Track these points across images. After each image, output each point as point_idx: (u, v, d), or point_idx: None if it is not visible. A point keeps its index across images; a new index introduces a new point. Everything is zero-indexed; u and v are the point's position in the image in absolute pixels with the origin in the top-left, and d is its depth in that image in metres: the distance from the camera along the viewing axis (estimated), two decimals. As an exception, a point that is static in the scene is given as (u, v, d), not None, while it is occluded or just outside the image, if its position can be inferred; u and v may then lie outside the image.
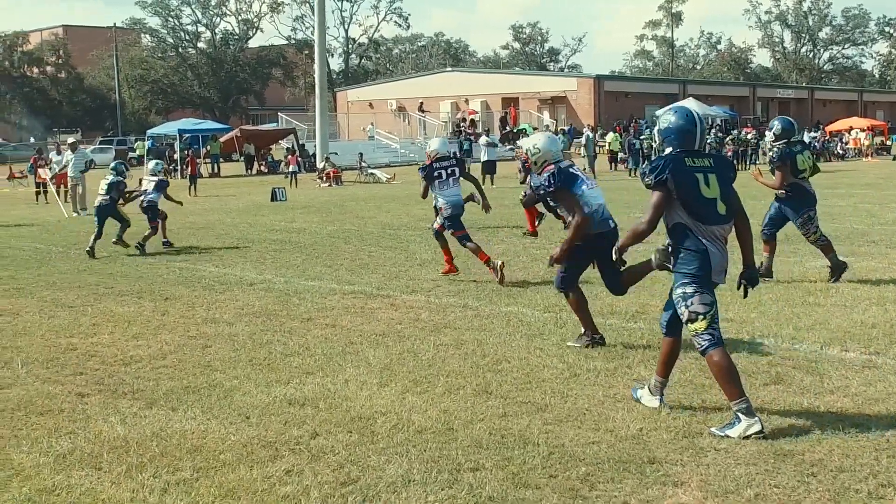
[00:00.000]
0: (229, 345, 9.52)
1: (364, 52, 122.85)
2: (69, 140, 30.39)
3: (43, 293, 12.99)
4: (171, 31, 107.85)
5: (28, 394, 7.87)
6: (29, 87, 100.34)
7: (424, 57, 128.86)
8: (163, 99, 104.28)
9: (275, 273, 14.29)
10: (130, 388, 8.00)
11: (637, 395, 7.31)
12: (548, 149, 9.55)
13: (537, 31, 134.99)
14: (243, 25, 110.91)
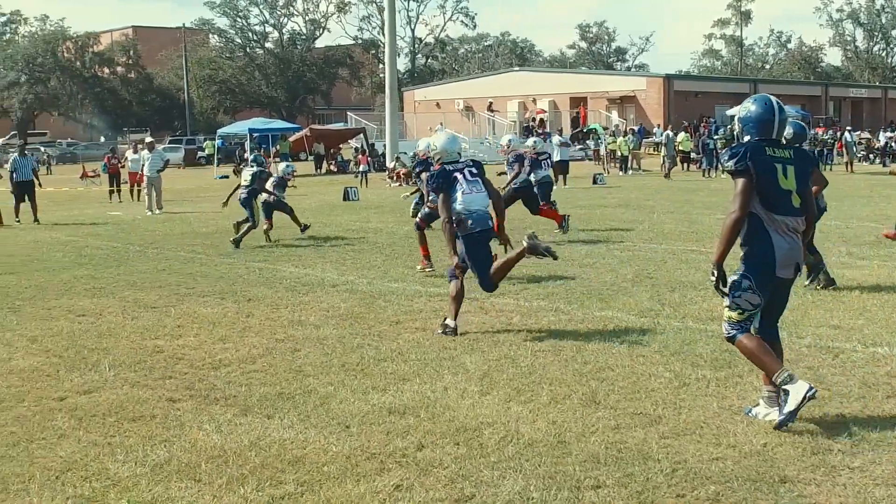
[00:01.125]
0: (319, 349, 9.24)
1: (430, 51, 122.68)
2: (147, 139, 30.48)
3: (124, 293, 12.82)
4: (239, 32, 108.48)
5: (118, 398, 7.63)
6: (99, 87, 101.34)
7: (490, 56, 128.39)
8: (230, 99, 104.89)
9: (356, 274, 14.02)
10: (222, 393, 7.73)
11: (753, 414, 6.91)
12: (445, 148, 10.19)
13: (604, 31, 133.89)
14: (310, 25, 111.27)
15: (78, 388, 8.00)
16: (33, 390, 7.97)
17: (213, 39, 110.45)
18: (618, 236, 18.14)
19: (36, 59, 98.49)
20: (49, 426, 6.95)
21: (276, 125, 54.90)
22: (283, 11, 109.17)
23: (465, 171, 10.03)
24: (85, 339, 9.96)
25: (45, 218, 25.26)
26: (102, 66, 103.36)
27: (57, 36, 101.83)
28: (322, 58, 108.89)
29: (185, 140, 75.46)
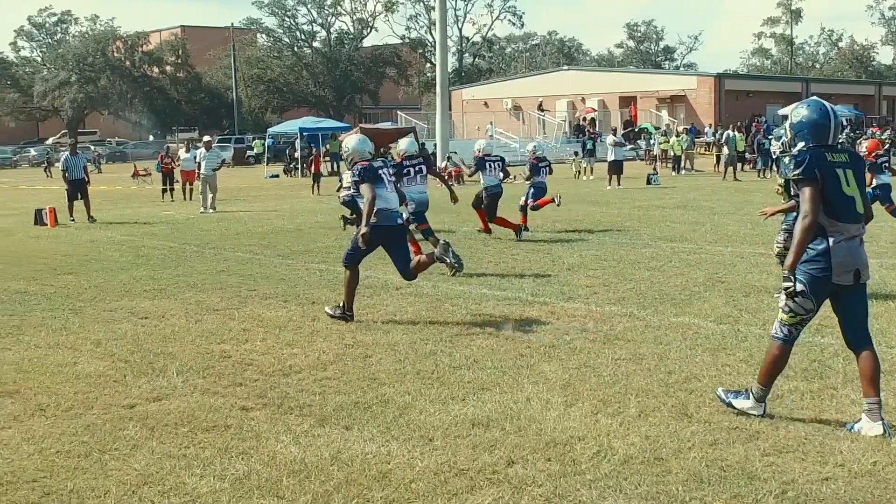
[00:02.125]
0: (391, 355, 8.95)
1: (478, 50, 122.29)
2: (205, 138, 30.45)
3: (185, 295, 12.61)
4: (287, 31, 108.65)
5: (189, 406, 7.38)
6: (149, 87, 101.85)
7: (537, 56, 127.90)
8: (278, 98, 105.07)
9: (424, 276, 13.68)
10: (296, 402, 7.46)
11: (856, 429, 6.54)
12: (356, 149, 11.06)
13: (652, 29, 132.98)
14: (358, 25, 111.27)
15: (147, 395, 7.77)
16: (101, 397, 7.74)
17: (261, 39, 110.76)
18: (681, 238, 17.73)
19: (86, 58, 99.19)
20: (121, 436, 6.71)
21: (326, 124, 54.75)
22: (331, 11, 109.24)
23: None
24: (150, 342, 9.74)
25: (98, 216, 25.20)
26: (152, 65, 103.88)
27: (107, 35, 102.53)
28: (369, 57, 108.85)
29: (234, 139, 75.61)
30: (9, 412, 7.39)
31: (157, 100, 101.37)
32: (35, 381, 8.29)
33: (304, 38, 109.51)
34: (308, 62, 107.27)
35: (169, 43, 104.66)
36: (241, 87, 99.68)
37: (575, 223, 20.92)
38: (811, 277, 6.51)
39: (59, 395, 7.81)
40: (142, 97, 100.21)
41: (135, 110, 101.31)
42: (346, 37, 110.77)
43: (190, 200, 31.44)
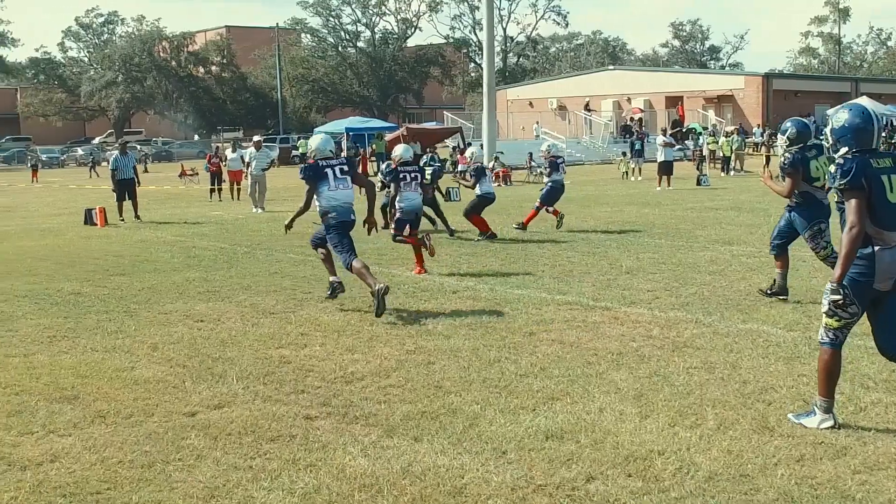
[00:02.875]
0: (454, 362, 8.72)
1: (522, 50, 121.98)
2: (255, 138, 30.34)
3: (239, 297, 12.45)
4: (332, 31, 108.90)
5: (252, 415, 7.19)
6: (194, 87, 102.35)
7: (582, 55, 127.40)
8: (323, 98, 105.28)
9: (475, 279, 13.50)
10: (361, 411, 7.25)
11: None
12: (318, 147, 11.85)
13: (697, 28, 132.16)
14: (402, 24, 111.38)
15: (207, 402, 7.59)
16: (161, 403, 7.57)
17: (306, 39, 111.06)
18: (738, 241, 17.37)
19: (133, 58, 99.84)
20: (184, 445, 6.52)
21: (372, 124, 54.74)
22: (376, 11, 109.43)
23: (336, 169, 11.60)
24: (207, 347, 9.57)
25: (146, 216, 25.20)
26: (197, 65, 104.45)
27: (153, 36, 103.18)
28: (414, 57, 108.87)
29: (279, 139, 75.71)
30: (68, 419, 7.24)
31: (203, 99, 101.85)
32: (93, 387, 8.15)
33: (349, 37, 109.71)
34: (352, 62, 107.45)
35: (214, 43, 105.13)
36: (285, 86, 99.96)
37: (628, 225, 20.61)
38: (854, 281, 6.42)
39: (118, 402, 7.65)
40: (187, 97, 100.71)
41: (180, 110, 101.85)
42: (390, 36, 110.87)
43: (238, 200, 31.36)
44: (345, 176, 11.56)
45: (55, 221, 25.79)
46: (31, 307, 12.19)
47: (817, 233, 11.35)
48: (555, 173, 20.09)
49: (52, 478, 6.01)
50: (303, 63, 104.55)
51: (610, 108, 73.73)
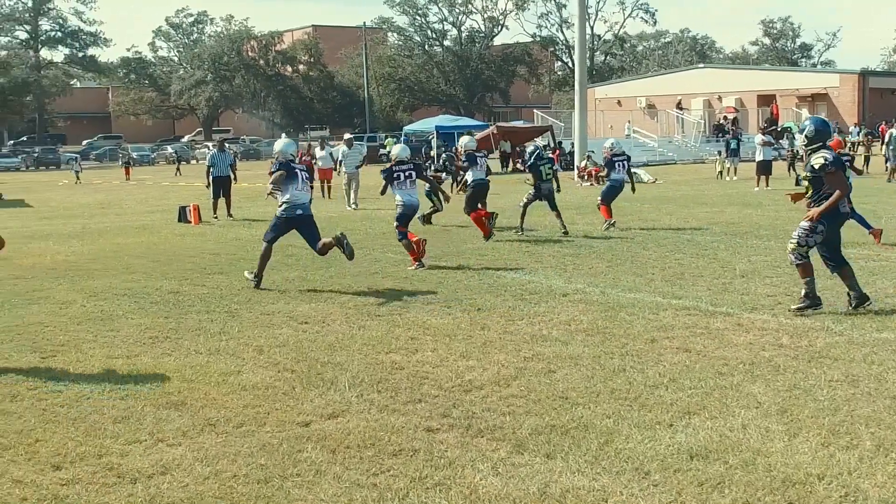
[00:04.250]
0: (576, 370, 8.23)
1: (609, 48, 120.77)
2: (346, 136, 30.16)
3: (342, 298, 12.08)
4: (418, 30, 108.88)
5: (369, 425, 6.78)
6: (282, 85, 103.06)
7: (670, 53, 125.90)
8: (409, 96, 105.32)
9: (584, 282, 12.98)
10: (485, 423, 6.79)
11: None
12: (282, 150, 13.60)
13: (788, 26, 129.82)
14: (489, 23, 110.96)
15: (321, 410, 7.19)
16: (273, 412, 7.19)
17: (392, 37, 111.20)
18: (853, 244, 16.56)
19: (222, 57, 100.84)
20: (301, 459, 6.13)
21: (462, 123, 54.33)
22: (462, 9, 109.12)
23: (302, 173, 13.32)
24: (314, 350, 9.19)
25: (239, 214, 25.15)
26: (285, 64, 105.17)
27: (242, 35, 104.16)
28: (500, 55, 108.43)
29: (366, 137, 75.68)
30: (177, 426, 6.89)
31: (290, 98, 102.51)
32: (200, 392, 7.81)
33: (435, 36, 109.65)
34: (439, 61, 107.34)
35: (302, 42, 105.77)
36: (372, 85, 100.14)
37: (732, 226, 19.91)
38: None
39: (227, 409, 7.30)
40: (275, 95, 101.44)
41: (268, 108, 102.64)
42: (476, 35, 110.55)
43: (328, 198, 31.16)
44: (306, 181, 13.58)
45: (149, 218, 25.78)
46: (130, 306, 11.95)
47: (811, 229, 10.65)
48: (612, 172, 20.09)
49: (164, 492, 5.65)
50: (389, 62, 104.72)
51: (700, 106, 72.56)
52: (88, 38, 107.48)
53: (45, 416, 7.29)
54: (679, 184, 36.59)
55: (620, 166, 20.09)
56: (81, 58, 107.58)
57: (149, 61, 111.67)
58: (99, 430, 6.88)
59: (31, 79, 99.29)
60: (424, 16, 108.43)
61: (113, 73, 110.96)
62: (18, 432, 6.88)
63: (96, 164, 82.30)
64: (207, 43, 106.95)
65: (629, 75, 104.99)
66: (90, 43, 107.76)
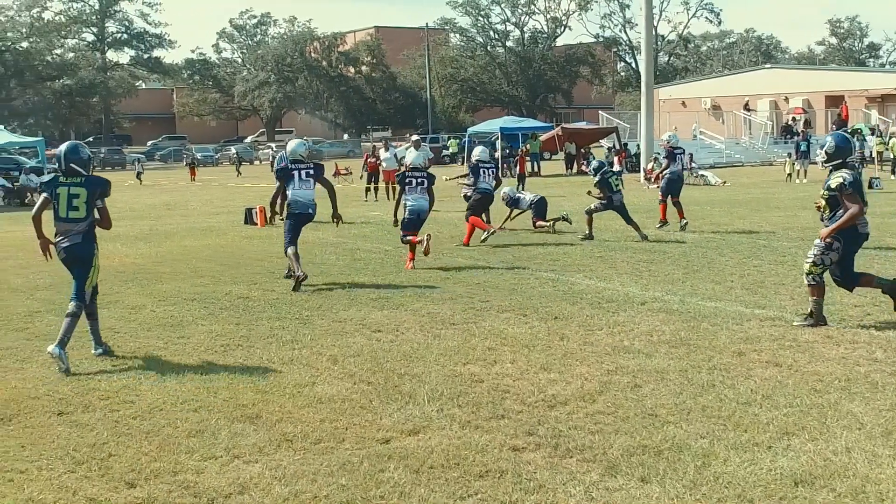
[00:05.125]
0: (663, 385, 7.90)
1: (673, 49, 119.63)
2: (413, 137, 29.98)
3: (414, 305, 11.82)
4: (481, 30, 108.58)
5: (451, 443, 6.51)
6: (345, 86, 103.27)
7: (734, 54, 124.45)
8: (471, 97, 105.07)
9: (661, 289, 12.62)
10: (573, 442, 6.50)
11: None
12: (293, 150, 14.34)
13: (856, 26, 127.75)
14: (551, 23, 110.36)
15: (400, 426, 6.93)
16: (351, 427, 6.95)
17: (454, 38, 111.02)
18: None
19: (285, 59, 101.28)
20: (383, 479, 5.88)
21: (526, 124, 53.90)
22: (525, 10, 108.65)
23: (302, 172, 13.84)
24: (389, 361, 8.95)
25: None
26: (348, 65, 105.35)
27: (305, 36, 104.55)
28: (563, 56, 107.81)
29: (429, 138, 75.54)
30: (252, 442, 6.67)
31: (353, 99, 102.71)
32: (275, 404, 7.59)
33: (498, 37, 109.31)
34: (501, 61, 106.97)
35: (364, 43, 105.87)
36: (434, 86, 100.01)
37: (808, 231, 19.32)
38: None
39: (303, 423, 7.07)
40: (338, 96, 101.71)
41: (330, 109, 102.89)
42: (539, 36, 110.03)
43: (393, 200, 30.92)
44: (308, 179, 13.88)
45: (215, 220, 25.74)
46: (200, 311, 11.80)
47: (827, 246, 10.28)
48: (672, 164, 20.14)
49: (243, 514, 5.43)
50: (452, 63, 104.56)
51: (766, 107, 71.46)
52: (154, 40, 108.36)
53: (117, 428, 7.11)
54: (748, 186, 35.97)
55: (679, 158, 20.29)
56: (147, 59, 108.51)
57: (213, 63, 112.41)
58: (173, 444, 6.69)
59: (98, 80, 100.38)
60: (487, 17, 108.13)
61: (177, 74, 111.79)
62: (91, 446, 6.71)
63: (161, 164, 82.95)
64: (271, 44, 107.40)
65: (693, 76, 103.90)
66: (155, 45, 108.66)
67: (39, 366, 9.21)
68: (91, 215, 9.35)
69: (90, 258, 9.39)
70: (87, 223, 9.32)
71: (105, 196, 9.50)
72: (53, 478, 6.14)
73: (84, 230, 9.32)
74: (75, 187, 9.26)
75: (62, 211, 9.27)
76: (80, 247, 9.31)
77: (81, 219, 9.27)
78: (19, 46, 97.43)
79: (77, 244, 9.29)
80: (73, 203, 9.24)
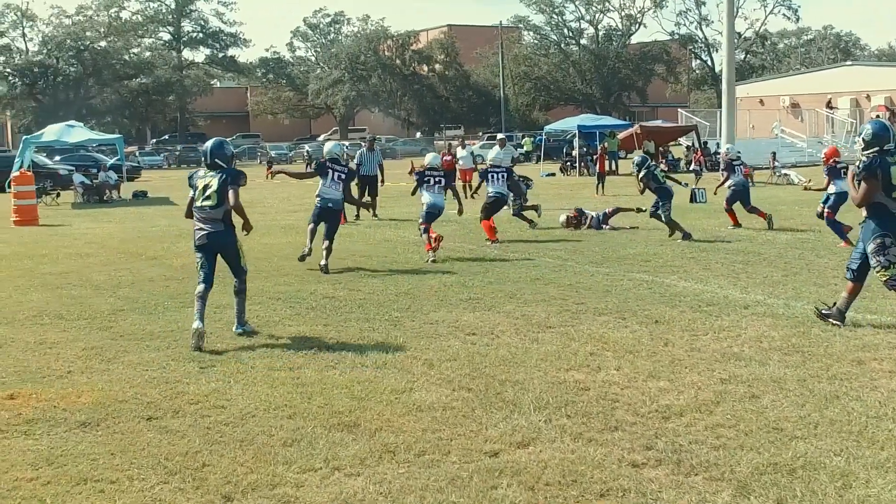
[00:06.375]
0: (782, 395, 7.42)
1: (750, 46, 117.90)
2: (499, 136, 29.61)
3: (506, 307, 11.42)
4: (555, 28, 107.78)
5: (565, 457, 6.10)
6: (418, 85, 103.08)
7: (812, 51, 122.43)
8: (545, 95, 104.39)
9: (762, 292, 12.08)
10: (696, 458, 6.05)
11: None
12: (330, 151, 15.81)
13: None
14: (626, 21, 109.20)
15: (508, 437, 6.54)
16: (455, 438, 6.57)
17: (528, 36, 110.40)
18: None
19: (358, 57, 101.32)
20: (496, 497, 5.49)
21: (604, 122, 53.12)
22: (599, 7, 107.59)
23: (335, 173, 15.40)
24: (488, 366, 8.55)
25: (383, 214, 24.81)
26: (421, 63, 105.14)
27: (378, 35, 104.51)
28: (637, 54, 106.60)
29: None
30: (352, 453, 6.32)
31: (426, 97, 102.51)
32: (373, 412, 7.23)
33: (572, 35, 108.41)
34: (575, 59, 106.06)
35: (438, 41, 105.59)
36: (507, 84, 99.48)
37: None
38: None
39: (404, 433, 6.70)
40: (411, 95, 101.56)
41: (403, 108, 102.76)
42: (613, 33, 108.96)
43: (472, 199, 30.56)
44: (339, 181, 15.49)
45: (293, 218, 25.51)
46: (286, 311, 11.52)
47: (881, 247, 9.80)
48: (732, 176, 20.18)
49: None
50: (525, 61, 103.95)
51: (847, 105, 70.02)
52: (229, 39, 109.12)
53: (209, 435, 6.80)
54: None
55: (739, 169, 20.20)
56: (222, 58, 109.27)
57: (287, 61, 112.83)
58: (269, 454, 6.35)
59: (174, 79, 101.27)
60: (561, 14, 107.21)
61: (252, 73, 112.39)
62: (184, 454, 6.40)
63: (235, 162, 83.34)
64: (344, 43, 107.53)
65: (770, 73, 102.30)
66: (230, 43, 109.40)
67: (125, 367, 8.96)
68: (224, 203, 9.98)
69: (233, 242, 10.29)
70: (222, 210, 10.01)
71: (238, 185, 10.15)
72: (146, 489, 5.83)
73: (221, 217, 10.06)
74: (210, 178, 10.05)
75: (199, 201, 10.06)
76: (221, 234, 10.13)
77: (215, 206, 9.99)
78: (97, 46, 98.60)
79: (219, 231, 10.10)
80: (208, 193, 9.98)
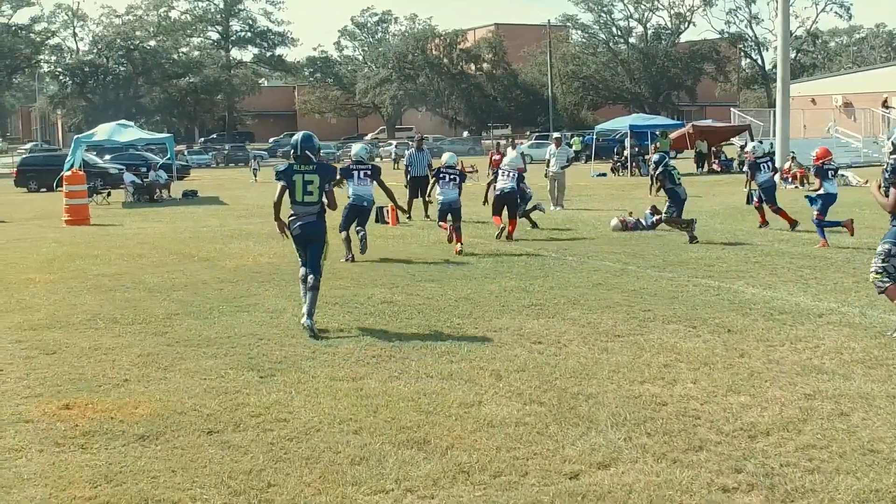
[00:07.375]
0: (874, 413, 7.01)
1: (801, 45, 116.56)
2: (554, 135, 29.41)
3: (571, 314, 11.06)
4: (603, 27, 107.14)
5: (651, 480, 5.76)
6: (466, 84, 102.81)
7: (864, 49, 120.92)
8: (593, 94, 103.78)
9: (835, 300, 11.65)
10: (792, 483, 5.69)
11: None
12: (356, 153, 17.51)
13: None
14: (675, 19, 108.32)
15: (587, 457, 6.21)
16: (532, 457, 6.24)
17: (576, 35, 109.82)
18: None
19: (406, 56, 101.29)
20: (583, 525, 5.16)
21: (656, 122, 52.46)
22: (648, 6, 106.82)
23: (360, 171, 16.65)
24: (559, 378, 8.21)
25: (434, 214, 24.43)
26: (469, 62, 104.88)
27: (426, 34, 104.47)
28: (686, 52, 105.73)
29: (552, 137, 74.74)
30: (424, 473, 6.01)
31: (474, 97, 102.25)
32: (441, 427, 6.92)
33: (620, 33, 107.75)
34: (623, 58, 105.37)
35: (486, 40, 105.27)
36: (555, 83, 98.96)
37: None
38: None
39: (478, 451, 6.39)
40: (458, 94, 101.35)
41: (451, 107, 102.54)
42: (663, 32, 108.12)
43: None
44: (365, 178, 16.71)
45: (344, 219, 25.27)
46: (345, 317, 11.24)
47: (887, 253, 9.48)
48: (758, 174, 20.09)
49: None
50: (573, 59, 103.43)
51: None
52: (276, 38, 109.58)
53: (273, 452, 6.52)
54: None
55: (766, 167, 20.18)
56: (269, 57, 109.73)
57: (334, 60, 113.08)
58: (337, 473, 6.06)
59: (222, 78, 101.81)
60: (609, 13, 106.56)
61: (299, 72, 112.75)
62: (247, 473, 6.12)
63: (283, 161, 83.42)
64: (392, 42, 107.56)
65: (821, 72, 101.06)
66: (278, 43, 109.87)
67: (183, 375, 8.71)
68: (322, 198, 10.58)
69: (323, 235, 10.74)
70: (319, 205, 10.60)
71: (333, 181, 10.95)
72: (210, 510, 5.56)
73: (317, 211, 10.62)
74: (309, 174, 10.52)
75: (298, 196, 10.55)
76: (314, 225, 10.63)
77: (315, 202, 10.56)
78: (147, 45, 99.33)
79: (312, 223, 10.60)
80: (308, 188, 10.51)
